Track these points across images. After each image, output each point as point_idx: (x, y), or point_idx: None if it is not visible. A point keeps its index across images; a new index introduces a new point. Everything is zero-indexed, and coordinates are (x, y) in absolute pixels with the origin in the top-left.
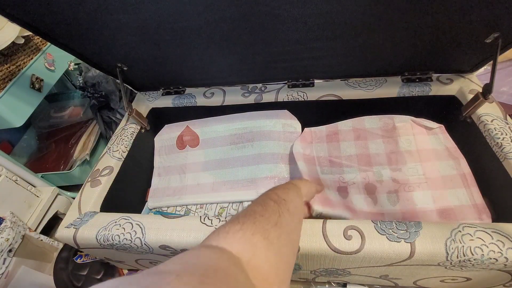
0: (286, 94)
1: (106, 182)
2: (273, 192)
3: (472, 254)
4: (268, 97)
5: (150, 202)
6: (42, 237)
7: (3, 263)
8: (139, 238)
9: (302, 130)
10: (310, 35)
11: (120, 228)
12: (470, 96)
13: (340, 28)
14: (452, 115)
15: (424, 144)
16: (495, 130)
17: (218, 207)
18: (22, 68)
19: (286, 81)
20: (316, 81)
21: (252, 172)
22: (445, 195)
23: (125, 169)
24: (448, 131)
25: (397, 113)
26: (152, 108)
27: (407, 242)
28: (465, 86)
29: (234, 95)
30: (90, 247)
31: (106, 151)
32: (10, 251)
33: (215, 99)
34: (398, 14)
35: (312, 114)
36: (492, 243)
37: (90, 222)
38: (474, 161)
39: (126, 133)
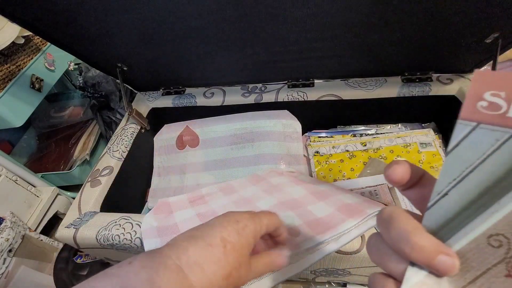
0: (286, 94)
1: (106, 182)
2: None
3: None
4: (268, 97)
5: (150, 202)
6: (42, 237)
7: (3, 263)
8: (139, 238)
9: (303, 130)
10: (310, 35)
11: (120, 228)
12: None
13: (340, 29)
14: (452, 115)
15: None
16: None
17: None
18: (22, 68)
19: (286, 81)
20: (316, 81)
21: (252, 173)
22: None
23: (125, 169)
24: (447, 131)
25: (397, 113)
26: (152, 108)
27: None
28: (465, 86)
29: (234, 95)
30: (90, 247)
31: (106, 151)
32: (10, 251)
33: (215, 99)
34: (397, 14)
35: (312, 114)
36: None
37: (90, 222)
38: None
39: (126, 133)
